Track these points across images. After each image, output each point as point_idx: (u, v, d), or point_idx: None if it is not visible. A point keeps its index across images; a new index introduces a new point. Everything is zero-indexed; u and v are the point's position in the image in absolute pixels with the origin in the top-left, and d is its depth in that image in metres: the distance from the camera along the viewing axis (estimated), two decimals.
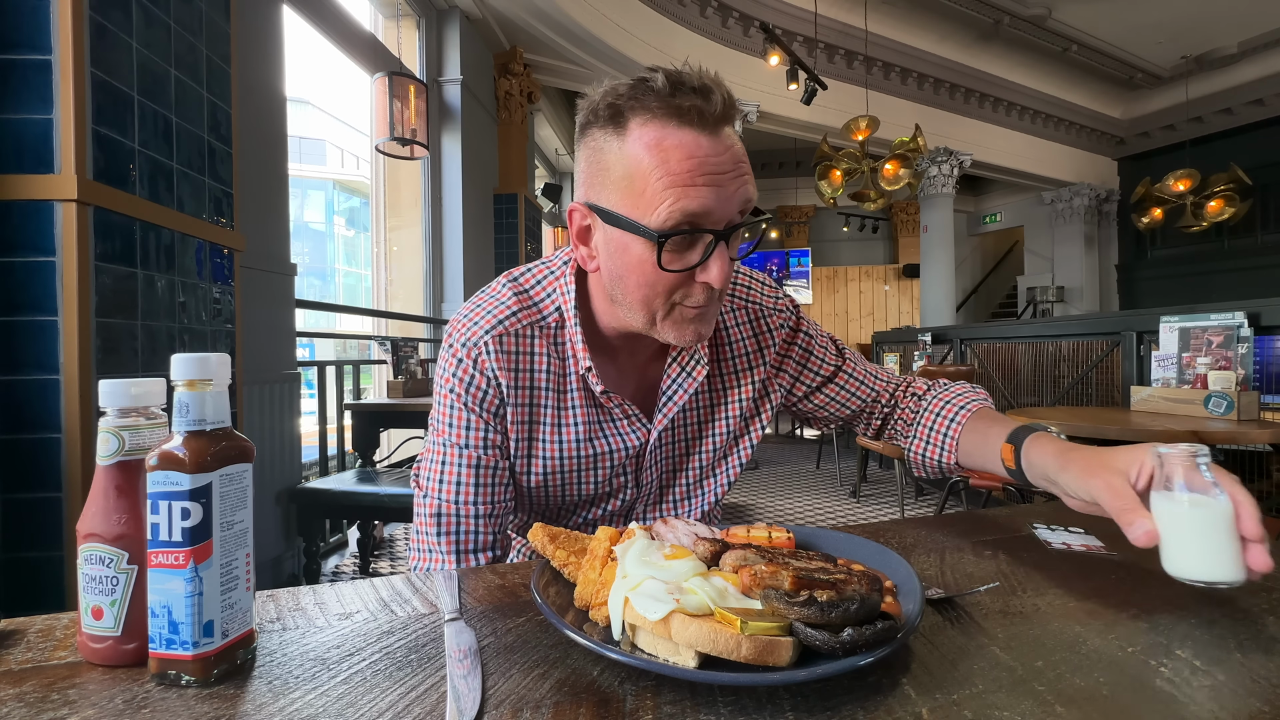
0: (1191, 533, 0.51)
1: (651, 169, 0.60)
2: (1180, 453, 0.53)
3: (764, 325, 0.84)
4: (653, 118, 0.60)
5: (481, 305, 0.74)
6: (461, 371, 0.71)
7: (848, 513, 3.71)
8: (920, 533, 0.72)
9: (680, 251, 0.62)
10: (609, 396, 0.73)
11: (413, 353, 3.28)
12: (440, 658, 0.43)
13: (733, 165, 0.61)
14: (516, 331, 0.72)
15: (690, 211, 0.60)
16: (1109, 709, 0.36)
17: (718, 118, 0.60)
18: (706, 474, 0.83)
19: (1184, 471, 0.52)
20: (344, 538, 3.12)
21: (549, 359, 0.73)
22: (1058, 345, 3.94)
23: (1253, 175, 6.66)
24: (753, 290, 0.85)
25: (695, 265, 0.63)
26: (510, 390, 0.72)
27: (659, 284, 0.64)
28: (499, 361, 0.71)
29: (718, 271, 0.62)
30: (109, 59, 1.38)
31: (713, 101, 0.60)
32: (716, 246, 0.62)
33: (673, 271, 0.63)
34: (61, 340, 1.29)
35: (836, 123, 6.27)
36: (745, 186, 0.62)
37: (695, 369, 0.77)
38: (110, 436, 0.43)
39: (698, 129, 0.60)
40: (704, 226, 0.61)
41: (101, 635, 0.42)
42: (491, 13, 4.56)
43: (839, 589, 0.40)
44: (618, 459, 0.76)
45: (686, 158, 0.59)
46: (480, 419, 0.72)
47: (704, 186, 0.59)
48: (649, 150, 0.60)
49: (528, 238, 5.20)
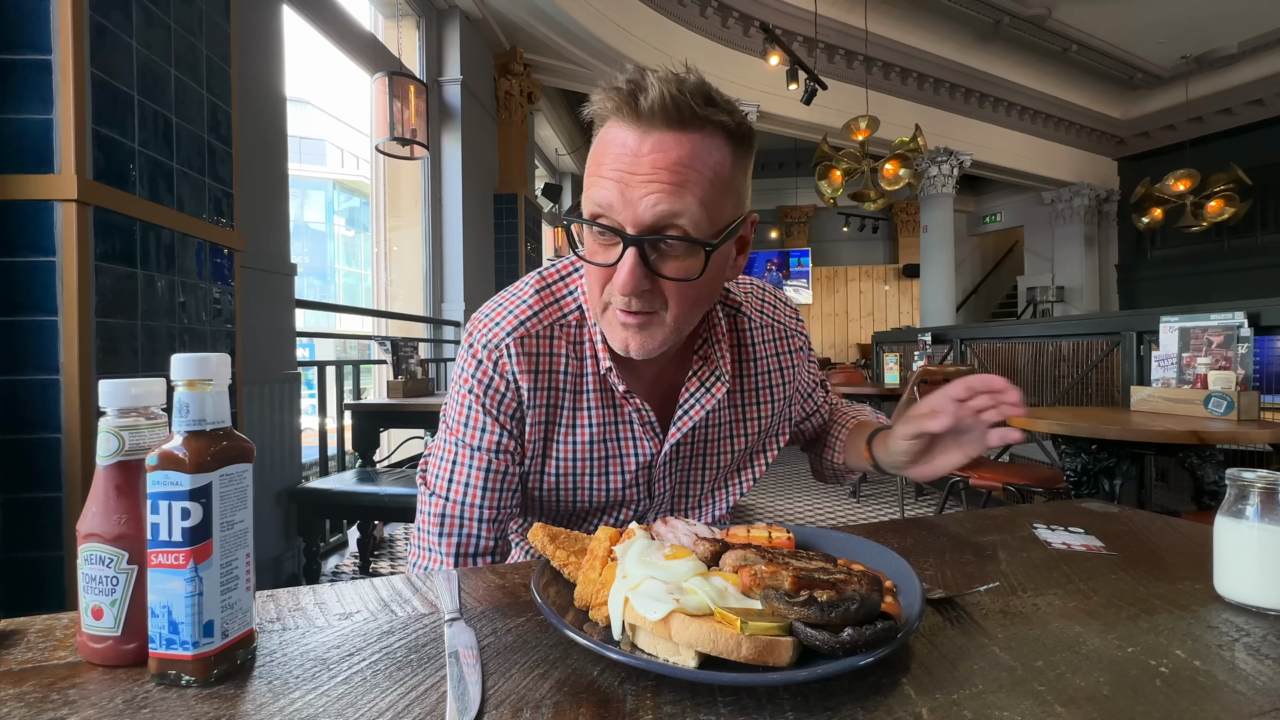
0: (1256, 557, 0.51)
1: (589, 159, 0.63)
2: (1258, 477, 0.53)
3: (787, 345, 0.85)
4: (609, 115, 0.62)
5: (504, 305, 0.74)
6: (481, 374, 0.70)
7: (848, 513, 3.71)
8: (920, 533, 0.72)
9: (601, 246, 0.62)
10: (628, 398, 0.72)
11: (413, 353, 3.28)
12: (440, 658, 0.43)
13: (650, 170, 0.57)
14: (538, 333, 0.72)
15: (593, 200, 0.60)
16: (1109, 709, 0.36)
17: (647, 115, 0.57)
18: (719, 485, 0.84)
19: (1260, 496, 0.52)
20: (344, 538, 3.12)
21: (567, 359, 0.72)
22: (1058, 345, 3.94)
23: (1253, 175, 6.66)
24: (779, 310, 0.86)
25: (611, 264, 0.61)
26: (530, 393, 0.71)
27: (591, 278, 0.65)
28: (520, 364, 0.70)
29: (622, 276, 0.60)
30: (109, 59, 1.38)
31: (640, 98, 0.57)
32: (626, 251, 0.59)
33: (592, 264, 0.63)
34: (61, 340, 1.29)
35: (836, 123, 6.27)
36: (660, 197, 0.57)
37: (715, 385, 0.75)
38: (110, 436, 0.43)
39: (628, 126, 0.59)
40: (609, 223, 0.60)
41: (101, 635, 0.42)
42: (491, 13, 4.56)
43: (839, 589, 0.40)
44: (628, 466, 0.76)
45: (605, 150, 0.60)
46: (496, 423, 0.71)
47: (608, 179, 0.59)
48: (596, 144, 0.63)
49: (528, 238, 5.20)
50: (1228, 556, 0.53)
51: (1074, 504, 0.86)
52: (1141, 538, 0.70)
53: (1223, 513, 0.54)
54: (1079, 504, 0.85)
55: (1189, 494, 2.65)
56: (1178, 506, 2.94)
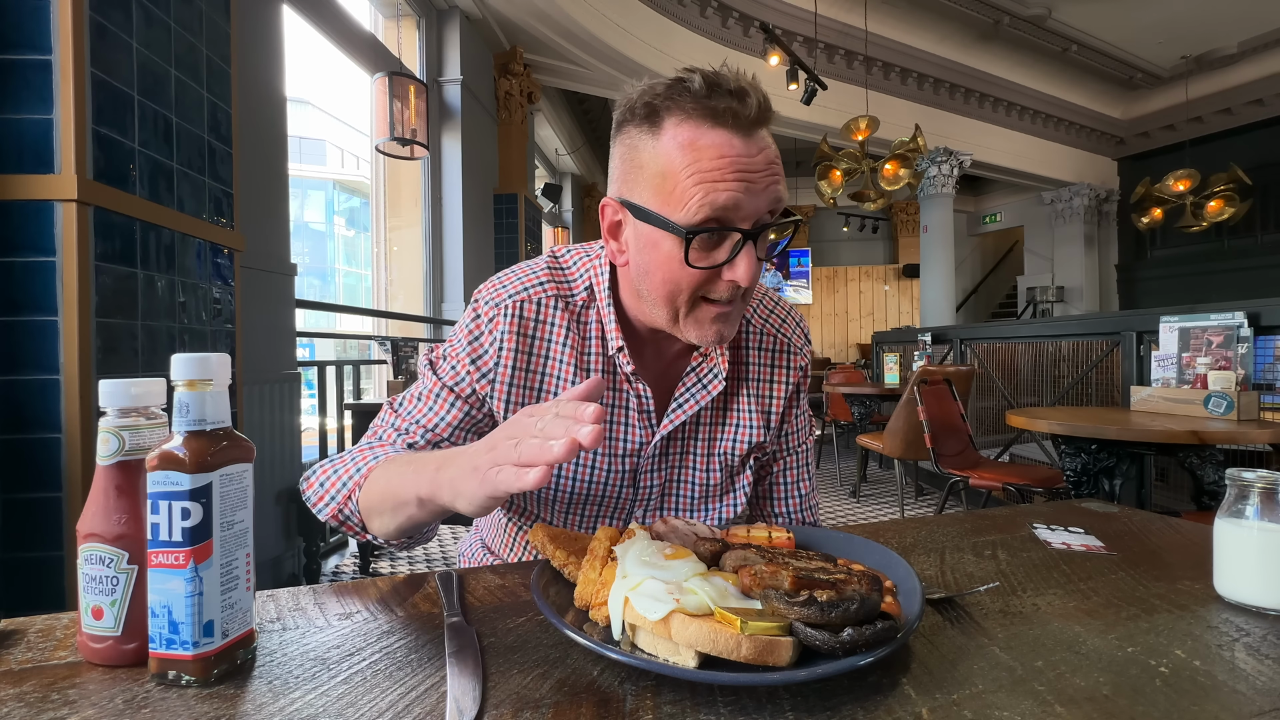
0: (1256, 557, 0.51)
1: (684, 166, 0.61)
2: (1258, 477, 0.53)
3: (784, 360, 0.84)
4: (687, 118, 0.62)
5: (515, 272, 0.77)
6: (475, 325, 0.74)
7: (848, 513, 3.71)
8: (920, 533, 0.72)
9: (707, 249, 0.64)
10: (632, 381, 0.74)
11: (413, 353, 3.28)
12: (440, 658, 0.43)
13: (765, 166, 0.62)
14: (540, 300, 0.74)
15: (719, 206, 0.60)
16: (1109, 709, 0.36)
17: (752, 120, 0.61)
18: (705, 500, 0.82)
19: (1260, 496, 0.52)
20: (344, 538, 3.11)
21: (568, 333, 0.74)
22: (1058, 345, 3.94)
23: (1253, 175, 6.66)
24: (786, 324, 0.86)
25: (723, 263, 0.64)
26: (513, 354, 0.73)
27: (684, 280, 0.65)
28: (512, 326, 0.73)
29: (745, 270, 0.63)
30: (109, 59, 1.38)
31: (748, 104, 0.61)
32: (744, 245, 0.63)
33: (699, 269, 0.64)
34: (61, 340, 1.29)
35: (836, 123, 6.27)
36: (775, 187, 0.63)
37: (712, 383, 0.77)
38: (110, 436, 0.43)
39: (731, 130, 0.61)
40: (732, 224, 0.62)
41: (101, 635, 0.42)
42: (491, 13, 4.56)
43: (839, 589, 0.40)
44: (616, 450, 0.76)
45: (719, 156, 0.60)
46: (470, 372, 0.74)
47: (734, 183, 0.60)
48: (682, 149, 0.61)
49: (528, 238, 5.20)
50: (1228, 556, 0.53)
51: (1074, 504, 0.86)
52: (1141, 538, 0.70)
53: (1223, 513, 0.54)
54: (1079, 504, 0.85)
55: (1189, 494, 2.65)
56: (1178, 506, 2.94)
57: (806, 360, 0.88)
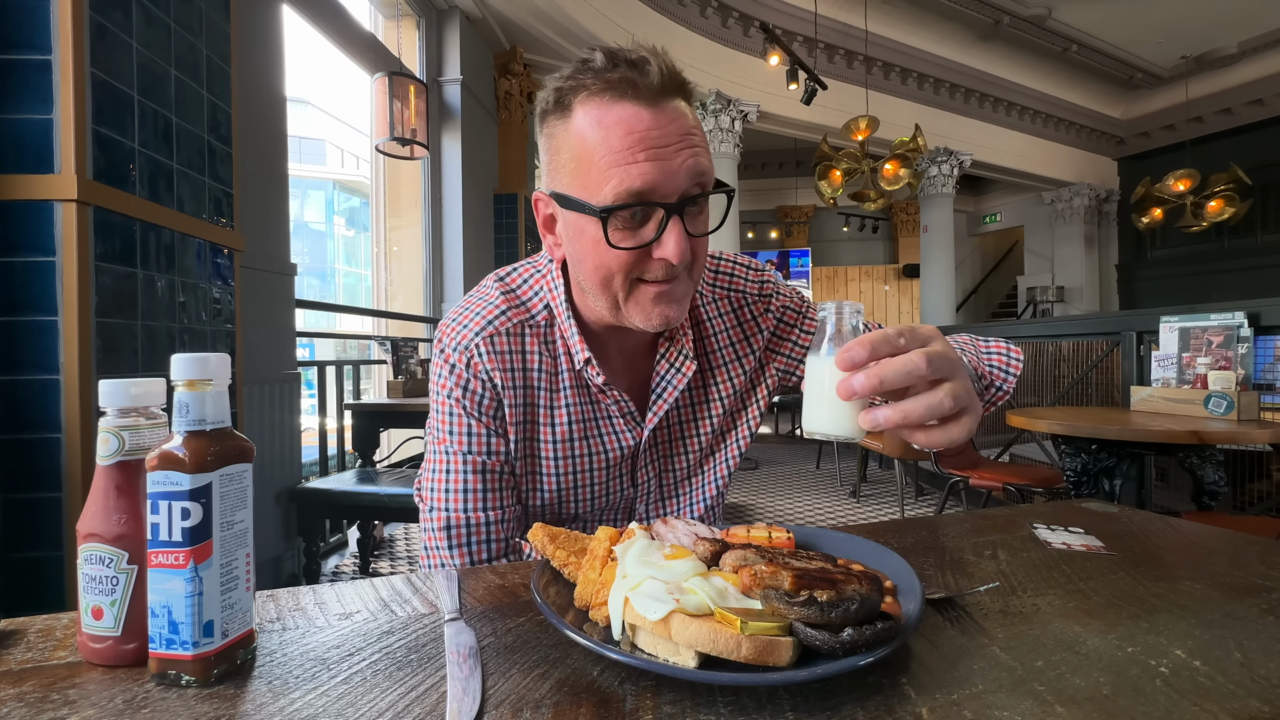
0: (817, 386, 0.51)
1: (594, 147, 0.60)
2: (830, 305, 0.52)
3: (748, 314, 0.82)
4: (591, 95, 0.60)
5: (470, 308, 0.74)
6: (456, 377, 0.70)
7: (848, 513, 3.71)
8: (920, 533, 0.72)
9: (632, 228, 0.62)
10: (605, 391, 0.72)
11: (413, 353, 3.28)
12: (440, 658, 0.43)
13: (677, 137, 0.60)
14: (508, 330, 0.72)
15: (633, 184, 0.59)
16: (1109, 709, 0.36)
17: (657, 89, 0.59)
18: (701, 466, 0.82)
19: (833, 322, 0.51)
20: (344, 538, 3.12)
21: (540, 357, 0.73)
22: (1058, 345, 3.94)
23: (1253, 175, 6.66)
24: (735, 278, 0.83)
25: (650, 242, 0.62)
26: (506, 390, 0.71)
27: (613, 263, 0.63)
28: (491, 362, 0.70)
29: (674, 246, 0.61)
30: (109, 59, 1.38)
31: (648, 73, 0.59)
32: (670, 220, 0.61)
33: (624, 249, 0.61)
34: (61, 340, 1.29)
35: (836, 123, 6.27)
36: (694, 158, 0.60)
37: (684, 364, 0.75)
38: (110, 436, 0.43)
39: (636, 102, 0.59)
40: (651, 200, 0.60)
41: (101, 635, 0.42)
42: (491, 13, 4.56)
43: (839, 589, 0.40)
44: (613, 458, 0.76)
45: (626, 133, 0.59)
46: (480, 423, 0.71)
47: (645, 161, 0.59)
48: (591, 128, 0.60)
49: (528, 238, 5.20)
50: (806, 391, 0.52)
51: (1074, 504, 0.86)
52: (1141, 538, 0.70)
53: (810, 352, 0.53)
54: (1079, 504, 0.85)
55: (1189, 494, 2.65)
56: (1178, 506, 2.94)
57: (779, 292, 0.84)
